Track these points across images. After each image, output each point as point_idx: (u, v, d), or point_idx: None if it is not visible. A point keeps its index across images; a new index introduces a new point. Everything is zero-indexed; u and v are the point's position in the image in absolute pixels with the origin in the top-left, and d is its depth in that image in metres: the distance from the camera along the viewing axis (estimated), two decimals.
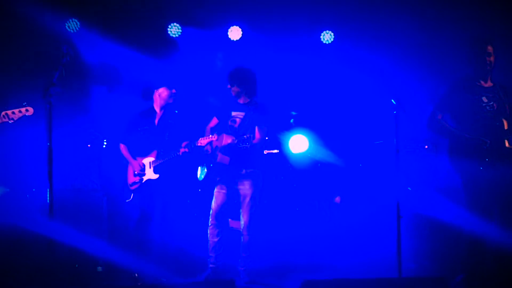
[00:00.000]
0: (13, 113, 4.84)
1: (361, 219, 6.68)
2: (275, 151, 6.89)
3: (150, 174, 5.76)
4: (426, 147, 6.40)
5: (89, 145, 6.71)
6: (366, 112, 7.10)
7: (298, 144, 6.92)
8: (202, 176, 6.49)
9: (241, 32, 7.20)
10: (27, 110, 4.86)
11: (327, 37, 7.28)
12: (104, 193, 6.38)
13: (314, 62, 7.33)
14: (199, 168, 6.49)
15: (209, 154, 5.73)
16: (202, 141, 5.55)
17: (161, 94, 5.82)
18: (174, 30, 7.16)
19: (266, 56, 7.18)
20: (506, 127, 5.09)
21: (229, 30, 7.23)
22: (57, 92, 4.52)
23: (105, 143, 6.70)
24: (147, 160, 5.79)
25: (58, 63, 4.63)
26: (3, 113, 4.85)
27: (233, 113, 5.70)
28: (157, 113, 5.89)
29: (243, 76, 5.62)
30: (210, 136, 5.52)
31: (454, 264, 5.37)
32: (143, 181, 5.78)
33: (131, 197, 5.84)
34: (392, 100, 4.94)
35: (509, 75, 5.60)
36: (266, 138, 6.62)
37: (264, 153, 6.56)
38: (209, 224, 5.69)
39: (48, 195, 4.44)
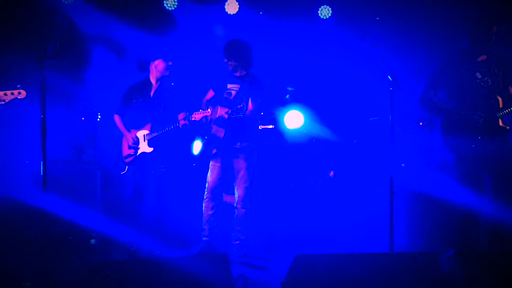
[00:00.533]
0: (5, 94, 4.76)
1: (355, 195, 6.71)
2: (270, 126, 6.88)
3: (144, 147, 5.74)
4: (421, 124, 6.39)
5: (83, 118, 6.67)
6: (362, 88, 7.07)
7: (294, 119, 6.92)
8: (197, 151, 6.48)
9: (238, 6, 7.12)
10: (19, 93, 4.76)
11: (324, 12, 7.19)
12: (98, 166, 6.37)
13: (311, 38, 7.27)
14: (196, 141, 6.47)
15: (204, 127, 5.70)
16: (196, 116, 5.51)
17: (157, 66, 5.78)
18: (170, 2, 7.07)
19: (263, 31, 7.11)
20: (501, 105, 5.07)
21: (226, 3, 7.14)
22: (51, 64, 4.48)
23: (99, 117, 6.65)
24: (141, 133, 5.77)
25: (52, 35, 4.57)
26: None
27: (229, 86, 5.67)
28: (153, 85, 5.85)
29: (239, 50, 5.59)
30: (204, 110, 5.48)
31: (447, 240, 5.41)
32: (138, 154, 5.76)
33: (126, 169, 5.82)
34: (388, 77, 4.91)
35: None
36: (262, 113, 6.62)
37: (259, 128, 6.55)
38: (204, 197, 5.70)
39: (41, 167, 4.42)
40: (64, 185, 6.02)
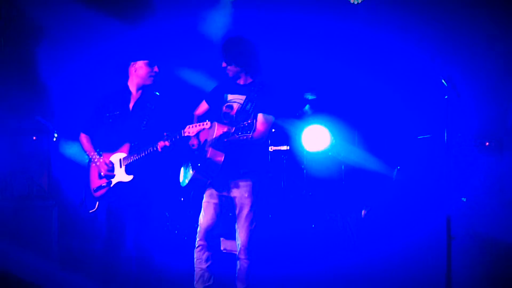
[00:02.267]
0: None
1: (396, 241, 6.63)
2: (284, 147, 6.90)
3: (121, 175, 5.65)
4: (487, 144, 6.31)
5: (34, 138, 6.63)
6: (407, 96, 7.08)
7: (315, 138, 6.97)
8: (186, 181, 6.40)
9: None
10: None
11: None
12: (54, 202, 6.30)
13: (338, 28, 7.28)
14: (182, 169, 6.41)
15: (195, 150, 5.64)
16: (191, 130, 5.40)
17: (138, 70, 5.72)
18: None
19: (273, 19, 7.15)
20: None
21: None
22: None
23: (55, 136, 6.60)
24: (117, 157, 5.68)
25: None
26: None
27: (229, 97, 5.59)
28: (132, 94, 5.79)
29: (242, 51, 5.53)
30: (201, 123, 5.39)
31: None
32: (112, 185, 5.69)
33: (96, 206, 5.74)
34: (443, 81, 4.87)
35: None
36: (273, 130, 6.52)
37: (270, 150, 6.47)
38: (196, 245, 5.60)
39: None
40: (9, 227, 6.01)
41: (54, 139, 6.65)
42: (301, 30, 7.24)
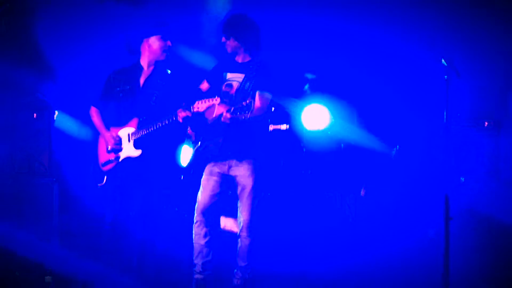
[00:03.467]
0: None
1: (395, 220, 6.65)
2: (284, 126, 6.89)
3: (129, 150, 5.69)
4: (486, 124, 6.32)
5: (35, 115, 6.62)
6: (407, 75, 7.05)
7: (315, 117, 6.96)
8: (187, 160, 6.42)
9: None
10: None
11: None
12: (55, 179, 6.29)
13: (338, 8, 7.23)
14: (184, 147, 6.41)
15: (197, 128, 5.66)
16: (200, 105, 5.41)
17: (151, 46, 5.77)
18: None
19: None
20: None
21: None
22: None
23: (56, 114, 6.60)
24: (125, 131, 5.73)
25: None
26: None
27: (229, 75, 5.62)
28: (144, 70, 5.84)
29: (242, 26, 5.56)
30: (211, 99, 5.39)
31: None
32: (120, 160, 5.72)
33: (104, 180, 5.77)
34: (443, 60, 4.85)
35: None
36: (273, 109, 6.53)
37: (270, 129, 6.48)
38: (194, 221, 5.65)
39: None
40: (7, 205, 5.99)
41: (55, 116, 6.67)
42: (302, 10, 7.20)
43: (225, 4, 7.09)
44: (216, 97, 5.36)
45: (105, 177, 5.78)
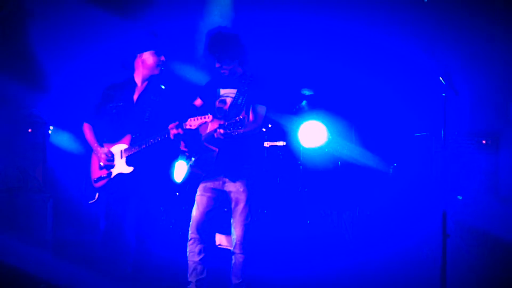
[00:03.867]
0: None
1: (393, 238, 6.66)
2: (280, 143, 6.87)
3: (121, 167, 5.67)
4: (484, 142, 6.31)
5: (30, 130, 6.61)
6: (405, 93, 7.08)
7: (312, 134, 6.96)
8: (181, 176, 6.41)
9: None
10: None
11: None
12: (49, 194, 6.30)
13: (335, 25, 7.26)
14: (176, 165, 6.39)
15: (191, 144, 5.64)
16: (192, 122, 5.40)
17: (145, 61, 5.75)
18: None
19: (271, 16, 7.15)
20: None
21: None
22: None
23: (51, 129, 6.59)
24: (118, 148, 5.71)
25: None
26: None
27: (222, 91, 5.60)
28: (138, 86, 5.81)
29: (231, 46, 5.49)
30: (203, 116, 5.38)
31: None
32: (112, 176, 5.70)
33: (96, 197, 5.75)
34: (441, 78, 4.86)
35: None
36: (270, 125, 6.51)
37: (265, 145, 6.45)
38: (189, 238, 5.61)
39: None
40: (2, 220, 6.00)
41: (50, 131, 6.67)
42: (299, 27, 7.23)
43: (220, 18, 7.10)
44: (209, 115, 5.34)
45: (97, 194, 5.76)
